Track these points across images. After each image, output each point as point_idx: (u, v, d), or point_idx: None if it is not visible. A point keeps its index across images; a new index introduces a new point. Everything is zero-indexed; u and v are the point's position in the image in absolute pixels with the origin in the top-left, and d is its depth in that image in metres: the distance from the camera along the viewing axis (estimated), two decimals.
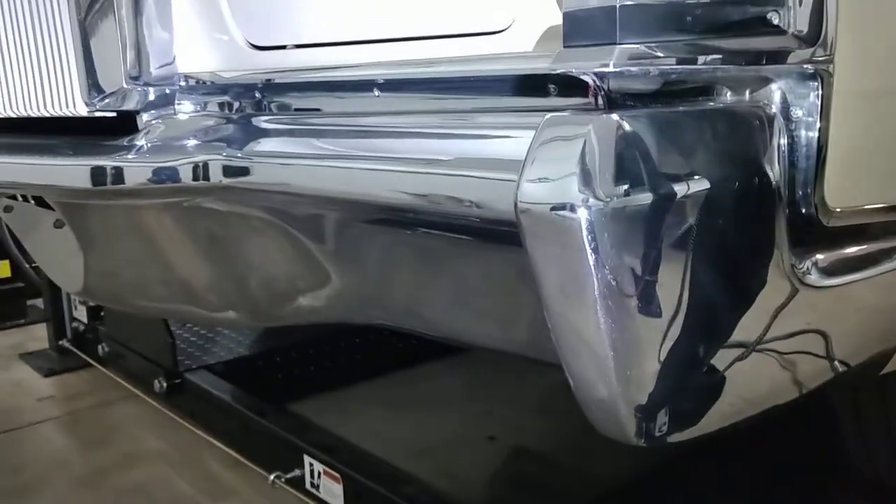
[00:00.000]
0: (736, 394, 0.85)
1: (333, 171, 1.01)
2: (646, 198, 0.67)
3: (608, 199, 0.65)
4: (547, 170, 0.67)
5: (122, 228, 1.49)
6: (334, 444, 2.14)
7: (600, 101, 0.69)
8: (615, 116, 0.67)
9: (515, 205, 0.68)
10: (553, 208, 0.67)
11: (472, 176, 0.81)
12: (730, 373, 0.82)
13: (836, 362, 0.95)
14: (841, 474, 1.60)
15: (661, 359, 0.73)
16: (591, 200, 0.65)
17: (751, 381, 0.86)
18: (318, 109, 1.21)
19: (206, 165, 1.22)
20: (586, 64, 0.69)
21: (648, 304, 0.70)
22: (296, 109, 1.24)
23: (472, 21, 0.99)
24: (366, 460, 2.07)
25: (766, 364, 0.86)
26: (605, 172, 0.65)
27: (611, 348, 0.70)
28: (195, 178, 1.22)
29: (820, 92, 0.77)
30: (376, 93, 1.08)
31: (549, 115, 0.69)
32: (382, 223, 1.00)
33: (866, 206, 0.84)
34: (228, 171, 1.20)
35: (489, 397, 2.74)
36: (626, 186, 0.66)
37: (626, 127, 0.66)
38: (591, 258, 0.66)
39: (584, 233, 0.65)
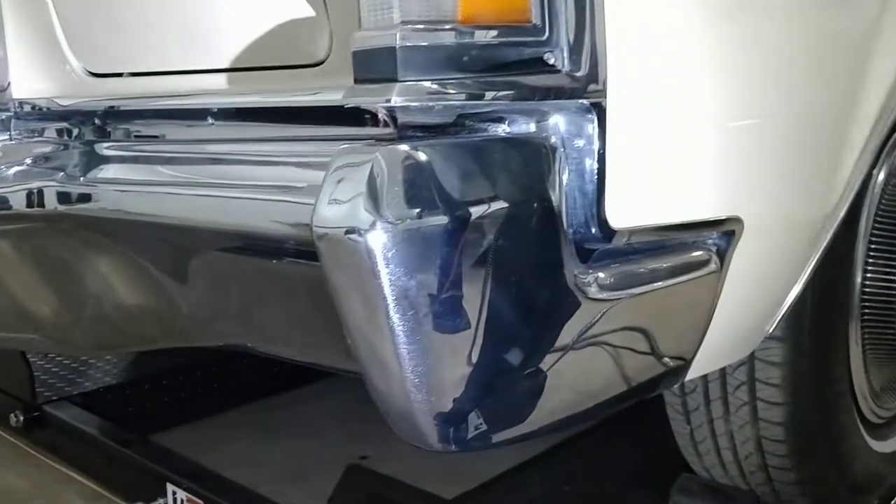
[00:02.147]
0: (554, 392, 0.92)
1: (164, 197, 1.04)
2: (430, 220, 0.73)
3: (394, 223, 0.71)
4: (338, 195, 0.72)
5: None
6: (198, 471, 2.12)
7: (390, 131, 0.75)
8: (401, 145, 0.73)
9: (311, 229, 0.73)
10: (345, 232, 0.71)
11: (283, 201, 0.85)
12: (538, 375, 0.88)
13: (644, 363, 1.04)
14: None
15: (455, 370, 0.79)
16: (378, 223, 0.70)
17: (563, 381, 0.93)
18: (156, 136, 1.23)
19: (40, 192, 1.21)
20: (369, 99, 0.75)
21: (440, 320, 0.76)
22: (135, 136, 1.25)
23: (294, 54, 1.04)
24: (229, 487, 2.06)
25: (574, 365, 0.93)
26: (390, 197, 0.71)
27: (405, 364, 0.75)
28: (29, 205, 1.22)
29: (596, 124, 0.86)
30: (210, 121, 1.11)
31: (343, 146, 0.74)
32: (207, 247, 1.03)
33: (643, 226, 0.92)
34: (62, 197, 1.20)
35: (364, 418, 2.76)
36: (412, 210, 0.72)
37: (411, 154, 0.72)
38: (379, 279, 0.71)
39: (372, 254, 0.70)
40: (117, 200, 1.11)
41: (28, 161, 1.25)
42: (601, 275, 0.87)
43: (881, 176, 1.55)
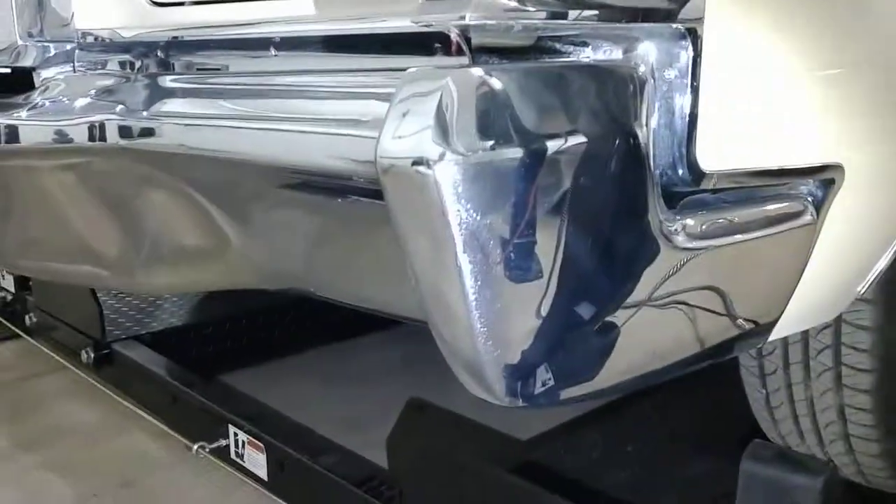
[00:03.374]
0: (626, 350, 0.86)
1: (222, 131, 1.00)
2: (504, 153, 0.66)
3: (465, 154, 0.65)
4: (405, 125, 0.67)
5: (27, 190, 1.45)
6: (259, 413, 2.13)
7: (463, 59, 0.68)
8: (475, 70, 0.66)
9: (375, 161, 0.68)
10: (413, 163, 0.66)
11: (347, 135, 0.80)
12: (612, 330, 0.82)
13: (724, 323, 0.97)
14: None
15: (526, 319, 0.73)
16: (448, 154, 0.64)
17: (637, 338, 0.86)
18: (218, 69, 1.19)
19: (102, 125, 1.19)
20: (440, 17, 0.68)
21: (512, 264, 0.70)
22: (197, 69, 1.21)
23: None
24: (290, 430, 2.06)
25: (651, 321, 0.86)
26: (461, 126, 0.65)
27: (472, 311, 0.70)
28: (91, 139, 1.19)
29: (690, 53, 0.78)
30: (273, 51, 1.06)
31: (409, 70, 0.68)
32: (266, 184, 0.98)
33: (737, 170, 0.84)
34: (124, 131, 1.17)
35: (421, 370, 2.74)
36: (484, 141, 0.65)
37: (486, 81, 0.66)
38: (448, 215, 0.66)
39: (441, 188, 0.65)
40: (177, 135, 1.08)
41: (91, 93, 1.23)
42: (689, 221, 0.80)
43: None
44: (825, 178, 0.96)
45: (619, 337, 0.84)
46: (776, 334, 1.11)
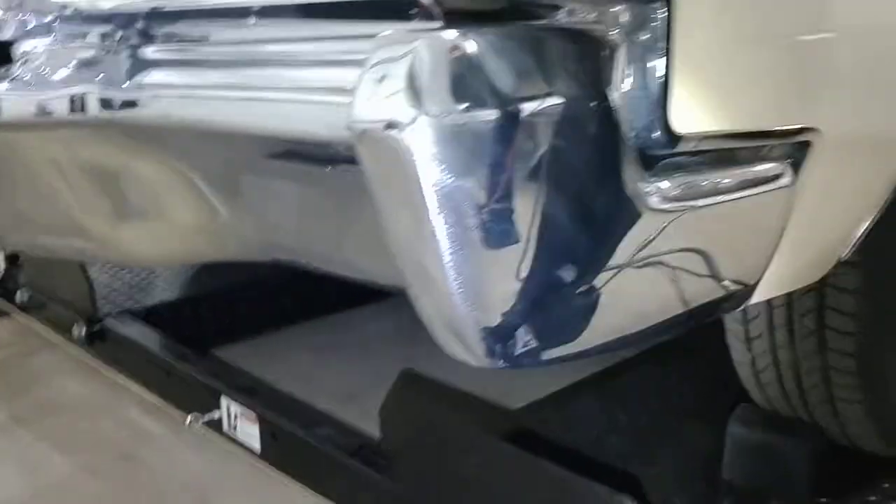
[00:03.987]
0: (607, 311, 0.86)
1: (202, 102, 1.00)
2: (475, 115, 0.67)
3: (437, 116, 0.65)
4: (377, 90, 0.67)
5: (10, 165, 1.45)
6: (252, 386, 2.14)
7: (437, 23, 0.68)
8: (445, 33, 0.66)
9: (349, 127, 0.68)
10: (385, 127, 0.66)
11: (321, 102, 0.80)
12: (591, 291, 0.83)
13: (705, 284, 0.98)
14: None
15: (504, 281, 0.74)
16: (420, 116, 0.65)
17: (618, 300, 0.87)
18: (199, 39, 1.18)
19: (82, 98, 1.18)
20: None
21: (487, 226, 0.71)
22: (178, 39, 1.21)
23: None
24: (282, 402, 2.08)
25: (630, 282, 0.87)
26: (433, 89, 0.65)
27: (450, 273, 0.70)
28: (72, 111, 1.19)
29: (664, 15, 0.77)
30: (252, 20, 1.06)
31: (380, 35, 0.68)
32: (247, 153, 0.99)
33: (712, 132, 0.85)
34: (104, 103, 1.17)
35: (418, 340, 2.75)
36: (455, 104, 0.66)
37: (457, 43, 0.66)
38: (421, 178, 0.66)
39: (414, 150, 0.65)
40: (156, 105, 1.08)
41: (71, 66, 1.22)
42: (664, 184, 0.80)
43: None
44: (802, 140, 0.96)
45: (598, 298, 0.85)
46: (759, 296, 1.12)
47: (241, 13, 1.07)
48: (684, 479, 1.64)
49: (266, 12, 1.03)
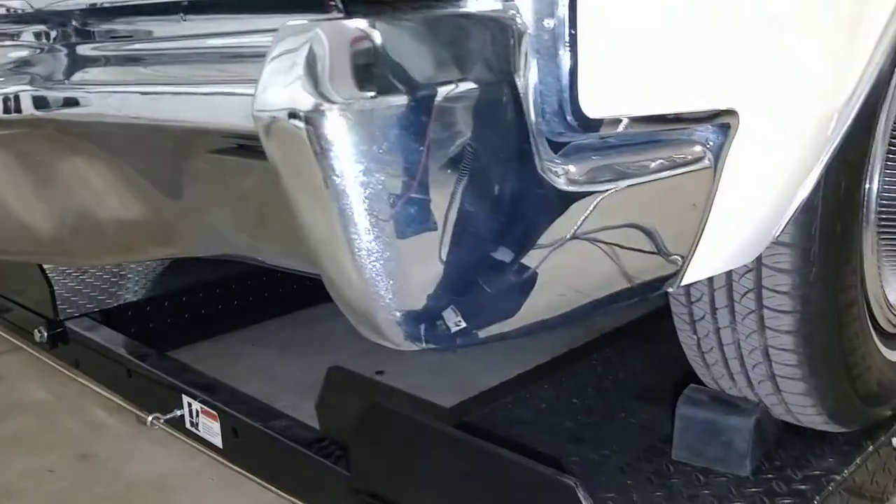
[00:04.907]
0: (538, 289, 0.88)
1: (125, 97, 1.00)
2: (375, 102, 0.68)
3: (337, 103, 0.66)
4: (278, 79, 0.68)
5: None
6: (212, 384, 2.16)
7: (339, 8, 0.70)
8: (344, 21, 0.68)
9: (253, 116, 0.69)
10: (288, 116, 0.67)
11: (239, 95, 0.81)
12: (508, 272, 0.85)
13: (634, 263, 1.00)
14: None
15: (412, 266, 0.76)
16: (319, 104, 0.66)
17: (544, 279, 0.89)
18: (131, 36, 1.19)
19: (17, 97, 1.19)
20: None
21: (398, 216, 0.72)
22: (111, 37, 1.21)
23: None
24: (242, 398, 2.09)
25: (556, 263, 0.89)
26: (331, 77, 0.66)
27: (360, 262, 0.72)
28: (6, 111, 1.19)
29: (568, 0, 0.79)
30: (181, 16, 1.07)
31: (282, 26, 0.70)
32: (172, 148, 1.00)
33: (623, 116, 0.87)
34: (38, 102, 1.17)
35: None
36: (353, 90, 0.67)
37: (353, 29, 0.67)
38: (323, 164, 0.67)
39: (313, 137, 0.66)
40: (87, 103, 1.08)
41: (5, 65, 1.22)
42: (575, 167, 0.82)
43: None
44: (720, 123, 0.98)
45: (529, 277, 0.87)
46: (692, 276, 1.14)
47: (170, 9, 1.08)
48: (636, 460, 1.67)
49: (192, 8, 1.04)
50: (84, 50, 1.23)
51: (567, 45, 0.80)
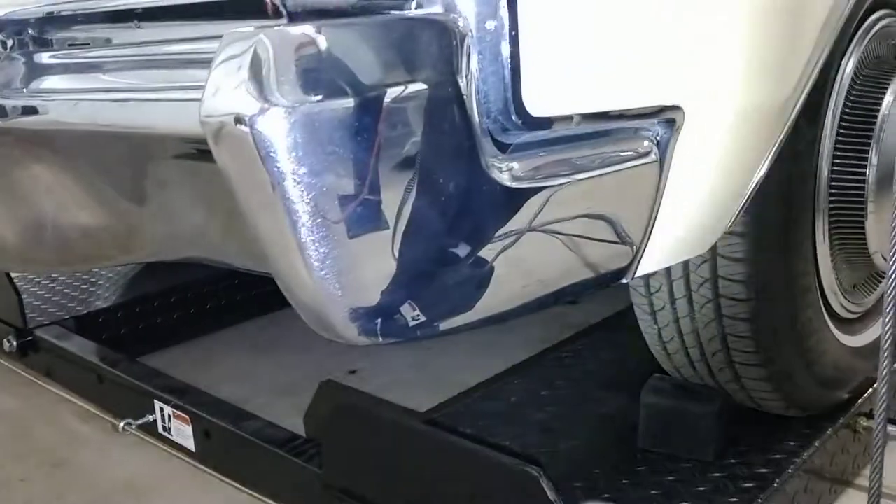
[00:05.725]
0: (502, 281, 0.91)
1: (79, 105, 1.01)
2: (320, 105, 0.70)
3: (279, 107, 0.68)
4: (223, 85, 0.70)
5: None
6: (184, 388, 2.17)
7: (283, 16, 0.72)
8: (286, 28, 0.70)
9: (201, 121, 0.71)
10: (234, 120, 0.69)
11: (182, 100, 0.83)
12: (473, 265, 0.87)
13: (580, 256, 1.03)
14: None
15: (369, 262, 0.78)
16: (264, 107, 0.68)
17: (507, 271, 0.91)
18: (88, 43, 1.20)
19: None
20: None
21: (349, 216, 0.74)
22: (69, 45, 1.22)
23: None
24: (213, 401, 2.10)
25: (507, 257, 0.91)
26: (275, 81, 0.68)
27: (309, 263, 0.74)
28: None
29: (507, 2, 0.82)
30: (135, 23, 1.08)
31: (226, 33, 0.72)
32: (128, 153, 1.01)
33: (567, 114, 0.89)
34: None
35: None
36: (297, 94, 0.69)
37: (296, 35, 0.69)
38: (268, 167, 0.69)
39: (257, 141, 0.68)
40: (45, 111, 1.09)
41: None
42: (518, 164, 0.85)
43: (850, 66, 1.50)
44: (664, 118, 1.01)
45: (485, 270, 0.89)
46: (647, 267, 1.17)
47: (124, 17, 1.09)
48: (603, 450, 1.70)
49: (146, 16, 1.05)
50: (41, 58, 1.24)
51: (509, 46, 0.82)
